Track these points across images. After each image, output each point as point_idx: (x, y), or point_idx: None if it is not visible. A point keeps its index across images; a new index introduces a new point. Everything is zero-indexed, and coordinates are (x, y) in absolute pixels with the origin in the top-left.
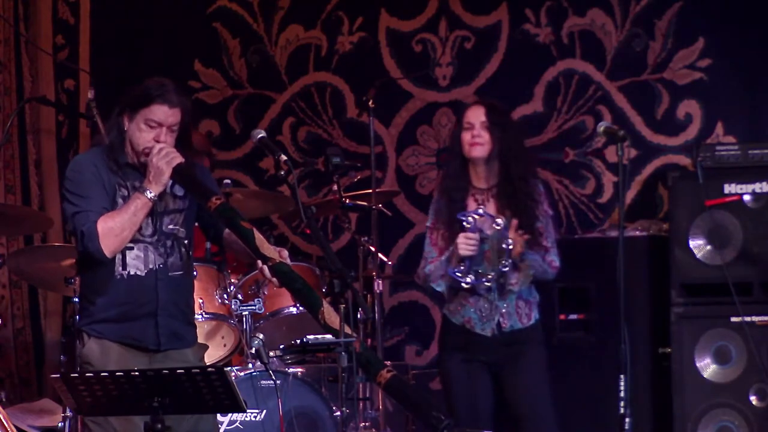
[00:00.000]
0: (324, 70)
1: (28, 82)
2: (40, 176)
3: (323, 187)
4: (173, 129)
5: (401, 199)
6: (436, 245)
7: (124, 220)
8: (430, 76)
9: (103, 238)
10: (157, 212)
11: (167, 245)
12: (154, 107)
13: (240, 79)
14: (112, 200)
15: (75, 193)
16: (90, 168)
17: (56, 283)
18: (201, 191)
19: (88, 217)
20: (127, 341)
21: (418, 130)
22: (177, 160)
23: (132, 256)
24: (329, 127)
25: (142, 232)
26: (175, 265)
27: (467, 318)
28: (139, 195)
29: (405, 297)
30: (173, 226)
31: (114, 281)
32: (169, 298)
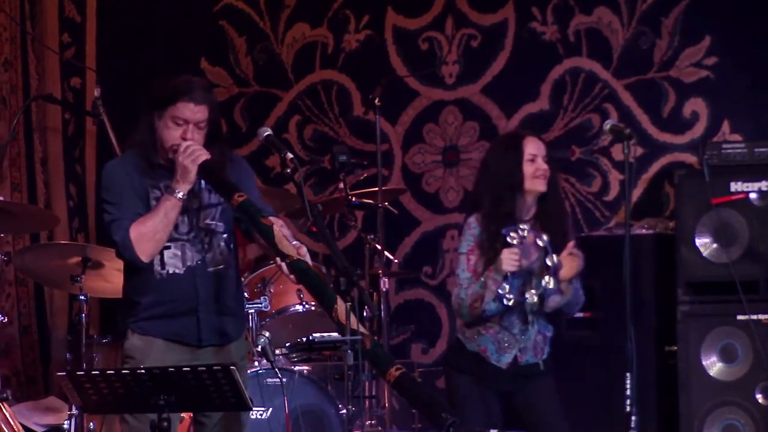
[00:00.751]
0: (330, 68)
1: (34, 80)
2: (46, 174)
3: (329, 185)
4: (200, 126)
5: (407, 197)
6: (474, 272)
7: (156, 222)
8: (436, 74)
9: (137, 244)
10: (192, 209)
11: (205, 241)
12: (180, 104)
13: (246, 77)
14: (145, 203)
15: (108, 201)
16: (121, 173)
17: (62, 280)
18: (225, 188)
19: (121, 226)
20: (171, 337)
21: (424, 128)
22: (202, 158)
23: (169, 255)
24: (335, 125)
25: (179, 231)
26: (215, 260)
27: (483, 347)
28: (168, 196)
29: (411, 295)
30: (210, 221)
31: (154, 281)
32: (210, 294)
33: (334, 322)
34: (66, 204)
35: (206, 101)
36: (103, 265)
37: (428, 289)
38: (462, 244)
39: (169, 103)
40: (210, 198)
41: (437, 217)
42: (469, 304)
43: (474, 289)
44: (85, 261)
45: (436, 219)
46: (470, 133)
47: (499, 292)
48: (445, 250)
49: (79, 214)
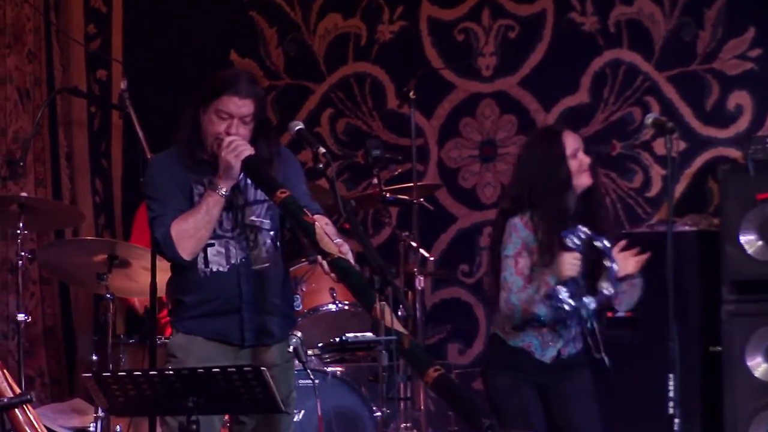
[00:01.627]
0: (364, 60)
1: (58, 72)
2: (71, 169)
3: (363, 180)
4: (246, 120)
5: (443, 193)
6: (522, 274)
7: (197, 220)
8: (472, 66)
9: (178, 242)
10: (237, 205)
11: (250, 238)
12: (225, 98)
13: (277, 69)
14: (189, 199)
15: (151, 197)
16: (164, 169)
17: (88, 279)
18: (267, 184)
19: (162, 222)
20: (213, 336)
21: (460, 122)
22: (246, 153)
23: (213, 253)
24: (369, 118)
25: (222, 227)
26: (260, 258)
27: (527, 343)
28: (210, 192)
29: (447, 294)
30: (255, 218)
31: (198, 280)
32: (255, 293)
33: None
34: (92, 200)
35: (252, 95)
36: (130, 264)
37: (465, 288)
38: (508, 246)
39: (214, 97)
40: (256, 194)
41: (474, 214)
42: (523, 309)
43: (528, 294)
44: (112, 259)
45: (473, 215)
46: (508, 126)
47: (558, 297)
48: (482, 248)
49: (106, 211)
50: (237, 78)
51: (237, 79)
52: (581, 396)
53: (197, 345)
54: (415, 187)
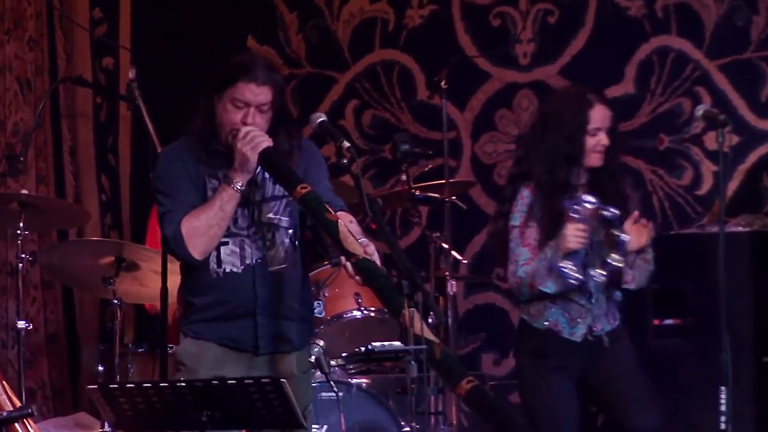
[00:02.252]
0: (391, 47)
1: (62, 60)
2: (75, 165)
3: (390, 177)
4: (263, 109)
5: (477, 191)
6: (528, 245)
7: (210, 216)
8: (509, 54)
9: (189, 240)
10: (254, 201)
11: (267, 237)
12: (240, 85)
13: (298, 56)
14: (202, 194)
15: (162, 192)
16: (175, 161)
17: (94, 283)
18: (287, 179)
19: (172, 219)
20: (225, 342)
21: (496, 114)
22: (263, 144)
23: (227, 252)
24: (397, 110)
25: (237, 225)
26: (277, 258)
27: (553, 321)
28: (225, 186)
29: (481, 299)
30: (273, 215)
31: (210, 281)
32: (270, 296)
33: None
34: (98, 198)
35: (269, 81)
36: (139, 267)
37: (500, 293)
38: (514, 215)
39: (229, 84)
40: (274, 189)
41: None
42: (529, 282)
43: (533, 267)
44: (119, 261)
45: None
46: None
47: (561, 270)
48: None
49: (113, 210)
50: (254, 63)
51: (254, 64)
52: (624, 366)
53: (208, 351)
54: (447, 185)
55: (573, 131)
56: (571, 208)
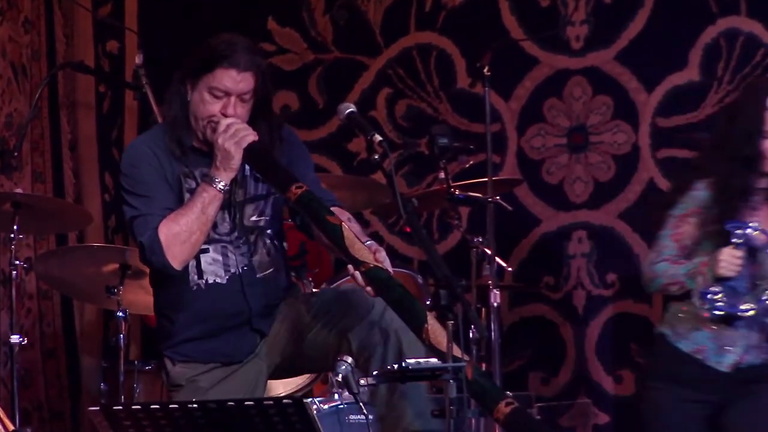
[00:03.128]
0: (428, 30)
1: (61, 44)
2: (75, 161)
3: (427, 174)
4: (245, 98)
5: (524, 190)
6: (678, 241)
7: (191, 220)
8: (559, 37)
9: (168, 248)
10: (236, 202)
11: (250, 241)
12: (219, 72)
13: (324, 40)
14: (178, 196)
15: (132, 192)
16: (147, 157)
17: (96, 293)
18: (279, 177)
19: (147, 224)
20: (221, 359)
21: (545, 104)
22: (249, 139)
23: (208, 261)
24: (435, 99)
25: (218, 230)
26: (264, 263)
27: (700, 347)
28: (205, 186)
29: (528, 311)
30: (257, 218)
31: (191, 294)
32: (264, 304)
33: (425, 344)
34: (100, 198)
35: (251, 67)
36: (146, 275)
37: (550, 305)
38: (679, 205)
39: (205, 70)
40: (257, 188)
41: (561, 215)
42: (664, 283)
43: (675, 271)
44: (124, 269)
45: (560, 217)
46: (602, 110)
47: (706, 296)
48: (571, 256)
49: (117, 211)
50: (233, 47)
51: (233, 48)
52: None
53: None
54: (490, 183)
55: (747, 131)
56: (733, 231)
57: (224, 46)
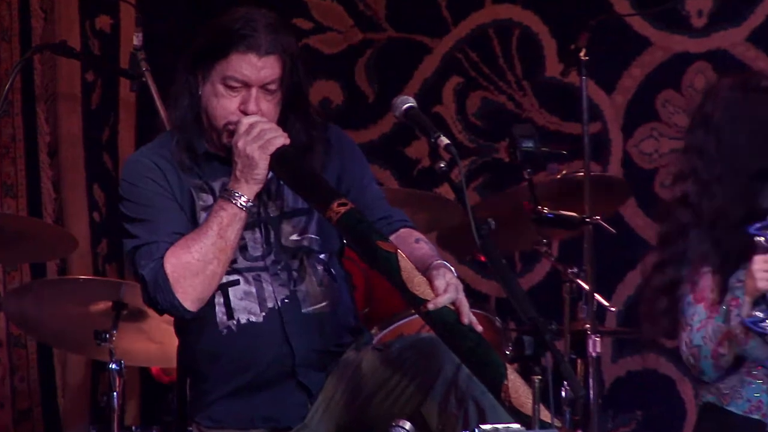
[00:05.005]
0: (509, 2)
1: (38, 20)
2: (56, 169)
3: (507, 187)
4: (270, 88)
5: (631, 207)
6: (704, 300)
7: (206, 247)
8: (677, 13)
9: (177, 283)
10: (270, 218)
11: (292, 267)
12: (235, 57)
13: (375, 16)
14: (190, 216)
15: (132, 219)
16: (149, 171)
17: (82, 339)
18: (315, 191)
19: (151, 253)
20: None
21: (658, 97)
22: (276, 142)
23: (238, 295)
24: (517, 92)
25: (249, 255)
26: (312, 294)
27: (755, 403)
28: (224, 203)
29: (636, 363)
30: (298, 236)
31: (220, 339)
32: (312, 346)
33: (504, 406)
34: (88, 217)
35: (275, 49)
36: (145, 315)
37: (664, 355)
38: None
39: (219, 57)
40: (297, 198)
41: None
42: (712, 350)
43: (715, 327)
44: (118, 308)
45: None
46: None
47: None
48: None
49: (109, 234)
50: (252, 24)
51: (252, 25)
52: None
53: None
54: (588, 198)
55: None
56: (759, 234)
57: (241, 23)
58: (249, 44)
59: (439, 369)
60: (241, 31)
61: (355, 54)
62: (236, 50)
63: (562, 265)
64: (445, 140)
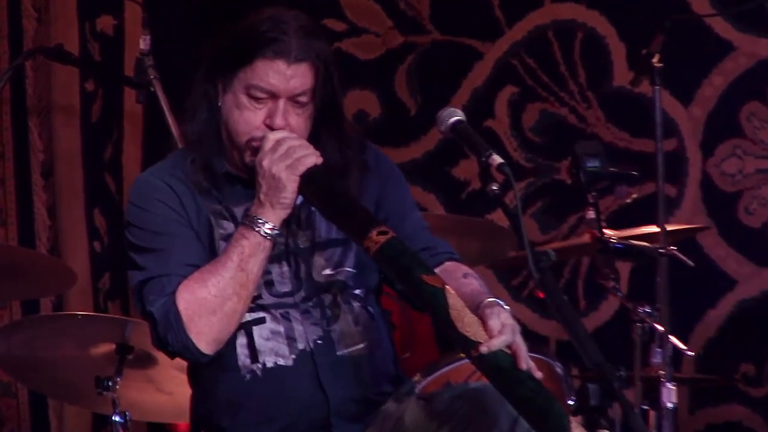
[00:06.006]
0: (571, 1)
1: (30, 20)
2: (51, 192)
3: (570, 214)
4: (300, 101)
5: (712, 237)
6: None
7: (224, 281)
8: (764, 13)
9: (190, 321)
10: (299, 249)
11: (325, 303)
12: (261, 64)
13: (418, 15)
14: (208, 247)
15: (140, 248)
16: (161, 193)
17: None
18: (351, 218)
19: (161, 288)
20: None
21: (742, 110)
22: (307, 162)
23: (264, 335)
24: (580, 103)
25: (275, 290)
26: (349, 335)
27: None
28: (245, 231)
29: (719, 415)
30: (331, 270)
31: (244, 386)
32: (348, 394)
33: None
34: (87, 246)
35: (308, 55)
36: (154, 361)
37: (750, 405)
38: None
39: (242, 63)
40: (332, 228)
41: (766, 273)
42: None
43: None
44: (123, 351)
45: (765, 276)
46: None
47: None
48: None
49: (112, 266)
50: (280, 26)
51: (281, 27)
52: None
53: None
54: (662, 227)
55: None
56: None
57: (268, 25)
58: (277, 49)
59: (494, 422)
60: (268, 33)
61: (395, 60)
62: (262, 56)
63: (631, 302)
64: (498, 159)
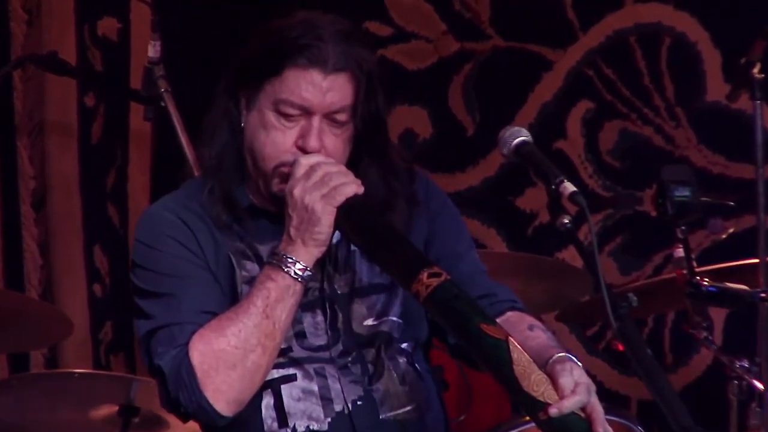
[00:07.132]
0: (656, 1)
1: (19, 23)
2: (44, 225)
3: (654, 251)
4: (338, 120)
5: None
6: None
7: (247, 329)
8: None
9: (205, 378)
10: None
11: (367, 359)
12: (291, 75)
13: (477, 18)
14: (228, 292)
15: (148, 293)
16: (174, 231)
17: None
18: (398, 258)
19: (172, 339)
20: None
21: None
22: (345, 191)
23: (295, 394)
24: (667, 122)
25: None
26: (393, 394)
27: None
28: (272, 271)
29: None
30: (373, 320)
31: None
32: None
33: None
34: (86, 291)
35: (348, 63)
36: (164, 424)
37: None
38: None
39: (270, 73)
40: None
41: None
42: None
43: None
44: (128, 412)
45: None
46: None
47: None
48: None
49: (115, 314)
50: (315, 32)
51: (315, 33)
52: None
53: None
54: (765, 267)
55: None
56: None
57: (300, 30)
58: (311, 57)
59: None
60: (300, 39)
61: (450, 70)
62: (294, 65)
63: (727, 355)
64: (571, 187)
